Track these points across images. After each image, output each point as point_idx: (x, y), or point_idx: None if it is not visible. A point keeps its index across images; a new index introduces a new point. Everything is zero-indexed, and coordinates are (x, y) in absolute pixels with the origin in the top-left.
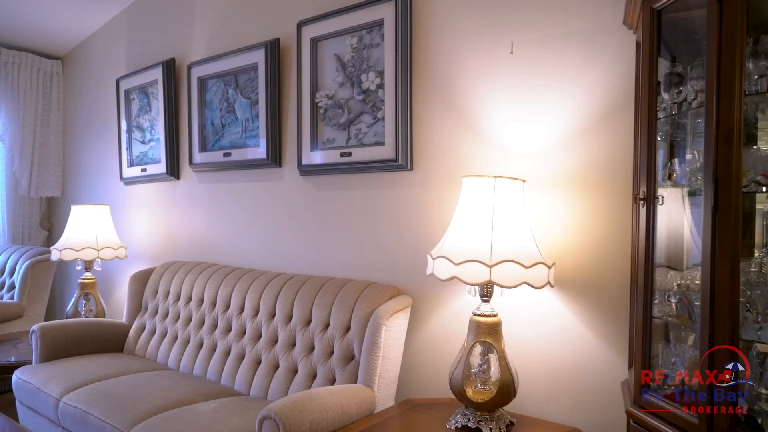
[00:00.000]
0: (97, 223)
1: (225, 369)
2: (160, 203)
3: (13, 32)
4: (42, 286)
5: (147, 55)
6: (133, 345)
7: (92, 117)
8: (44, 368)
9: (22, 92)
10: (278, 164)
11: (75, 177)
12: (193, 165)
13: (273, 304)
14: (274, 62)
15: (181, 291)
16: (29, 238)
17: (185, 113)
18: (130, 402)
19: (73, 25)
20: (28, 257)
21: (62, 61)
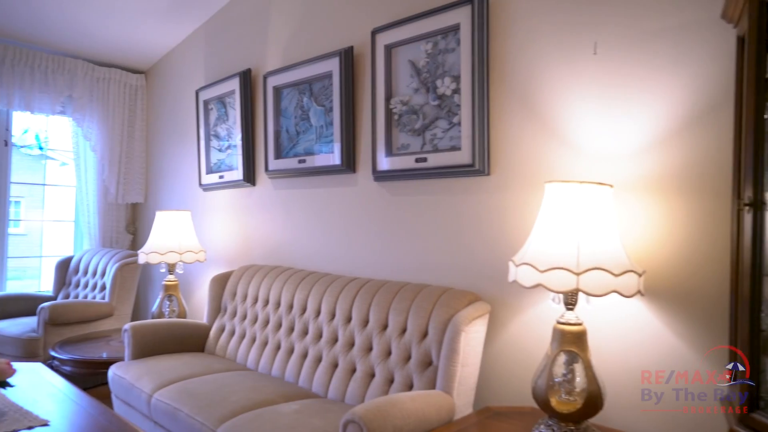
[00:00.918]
0: (179, 228)
1: (303, 371)
2: (237, 209)
3: (104, 51)
4: (129, 287)
5: (224, 67)
6: (214, 345)
7: (172, 127)
8: (136, 365)
9: (111, 105)
10: (352, 170)
11: (156, 184)
12: (269, 172)
13: (349, 308)
14: (348, 70)
15: (258, 294)
16: (117, 241)
17: (261, 122)
18: (216, 401)
19: (156, 41)
20: (116, 260)
21: (146, 75)
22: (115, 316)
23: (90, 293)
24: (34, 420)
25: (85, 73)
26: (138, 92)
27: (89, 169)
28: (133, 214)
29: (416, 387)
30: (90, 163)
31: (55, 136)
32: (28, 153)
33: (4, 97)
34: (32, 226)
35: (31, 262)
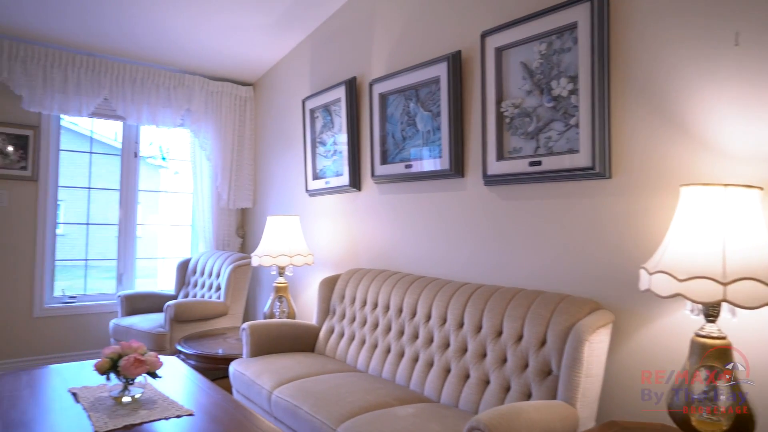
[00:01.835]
0: (288, 232)
1: (414, 375)
2: (343, 213)
3: (217, 66)
4: (241, 287)
5: (329, 76)
6: (324, 346)
7: (279, 135)
8: (255, 362)
9: (223, 117)
10: (461, 175)
11: (264, 190)
12: (375, 177)
13: (461, 313)
14: (456, 74)
15: (367, 297)
16: (228, 244)
17: (366, 128)
18: (334, 400)
19: (264, 55)
20: (230, 262)
21: (254, 87)
22: (229, 315)
23: (207, 293)
24: (180, 410)
25: (201, 88)
26: (247, 103)
27: (204, 176)
28: (243, 218)
29: (535, 396)
30: (205, 171)
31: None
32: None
33: (134, 113)
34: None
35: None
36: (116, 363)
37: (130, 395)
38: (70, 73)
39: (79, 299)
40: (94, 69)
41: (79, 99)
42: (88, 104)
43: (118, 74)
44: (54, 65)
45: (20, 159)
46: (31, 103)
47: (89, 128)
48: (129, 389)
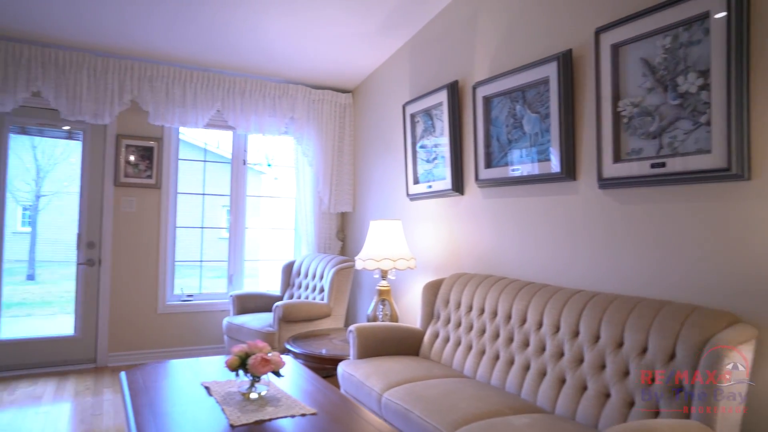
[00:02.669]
0: (391, 237)
1: (525, 383)
2: (445, 217)
3: (318, 75)
4: (343, 290)
5: (430, 80)
6: (428, 350)
7: (378, 140)
8: (363, 364)
9: (324, 124)
10: (572, 178)
11: (364, 194)
12: (479, 181)
13: (575, 322)
14: (566, 74)
15: (472, 302)
16: (329, 247)
17: (469, 132)
18: (446, 406)
19: (362, 62)
20: (333, 265)
21: (353, 93)
22: (332, 316)
23: (310, 294)
24: (304, 408)
25: (303, 97)
26: (346, 110)
27: (306, 182)
28: (342, 222)
29: (664, 414)
30: (307, 176)
31: (277, 153)
32: (254, 169)
33: (243, 123)
34: (250, 232)
35: (250, 264)
36: (244, 361)
37: (256, 392)
38: (188, 88)
39: (195, 298)
40: (209, 83)
41: (195, 112)
42: (203, 116)
43: (229, 87)
44: (175, 82)
45: (146, 168)
46: (156, 117)
47: (191, 138)
48: (255, 386)
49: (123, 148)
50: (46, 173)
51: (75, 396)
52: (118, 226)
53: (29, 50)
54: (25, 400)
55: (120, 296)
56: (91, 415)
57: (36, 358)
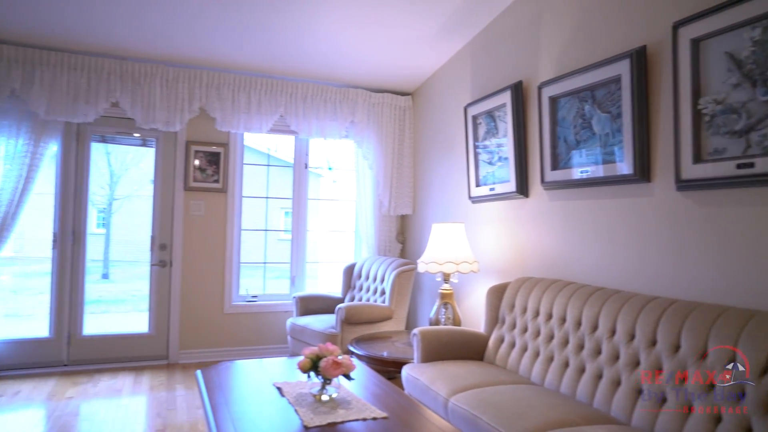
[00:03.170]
0: (454, 240)
1: (597, 392)
2: (508, 220)
3: (378, 79)
4: (405, 292)
5: (492, 82)
6: (493, 355)
7: (438, 143)
8: (427, 368)
9: (384, 127)
10: (646, 179)
11: (424, 197)
12: (545, 183)
13: (652, 330)
14: (640, 72)
15: (539, 307)
16: (389, 250)
17: (534, 133)
18: (515, 413)
19: (422, 64)
20: (394, 268)
21: (412, 96)
22: (393, 319)
23: (371, 297)
24: (375, 412)
25: (363, 100)
26: (406, 113)
27: (366, 184)
28: (402, 224)
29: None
30: (367, 179)
31: (337, 157)
32: (315, 173)
33: (305, 127)
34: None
35: (309, 266)
36: (316, 363)
37: (327, 394)
38: (253, 95)
39: (259, 298)
40: (272, 90)
41: (260, 117)
42: (267, 122)
43: (292, 93)
44: (240, 89)
45: (214, 173)
46: (223, 124)
47: (253, 143)
48: (326, 388)
49: (192, 154)
50: (118, 178)
51: (150, 390)
52: (188, 228)
53: (109, 64)
54: (107, 392)
55: (189, 296)
56: (166, 409)
57: (115, 353)
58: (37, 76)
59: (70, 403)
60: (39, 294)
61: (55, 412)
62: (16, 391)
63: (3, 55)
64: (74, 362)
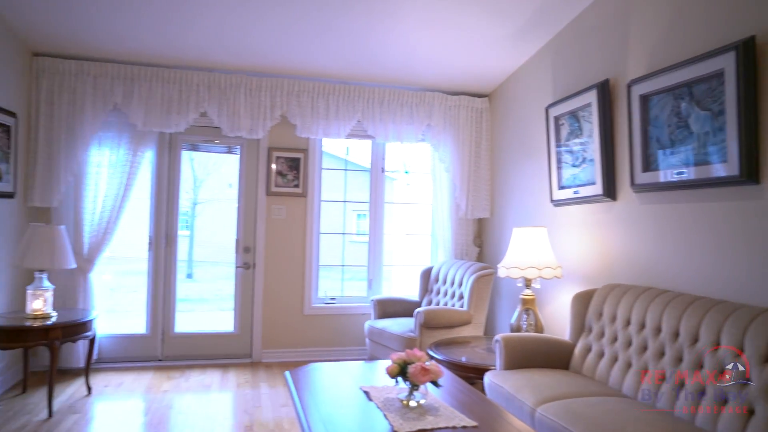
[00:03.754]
0: (535, 244)
1: (700, 410)
2: (593, 224)
3: (454, 81)
4: (483, 297)
5: (576, 81)
6: (580, 364)
7: (517, 145)
8: (511, 376)
9: (460, 130)
10: (753, 181)
11: (502, 200)
12: (635, 186)
13: (765, 345)
14: (747, 65)
15: (630, 316)
16: (466, 253)
17: (623, 133)
18: (609, 428)
19: (499, 66)
20: (472, 272)
21: (489, 98)
22: (472, 324)
23: (449, 301)
24: (464, 420)
25: (440, 103)
26: (483, 115)
27: (443, 188)
28: (479, 228)
29: None
30: (444, 182)
31: (413, 160)
32: (389, 176)
33: (382, 132)
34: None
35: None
36: (404, 369)
37: (415, 400)
38: (331, 101)
39: (337, 300)
40: (350, 95)
41: (338, 123)
42: (345, 127)
43: (369, 98)
44: (319, 96)
45: (294, 178)
46: (302, 130)
47: (328, 148)
48: (414, 394)
49: (273, 160)
50: (201, 182)
51: (237, 387)
52: (270, 232)
53: (198, 76)
54: (198, 387)
55: (271, 297)
56: (253, 406)
57: (203, 350)
58: (135, 91)
59: (165, 396)
60: (132, 292)
61: (153, 404)
62: (120, 383)
63: (108, 73)
64: (167, 358)
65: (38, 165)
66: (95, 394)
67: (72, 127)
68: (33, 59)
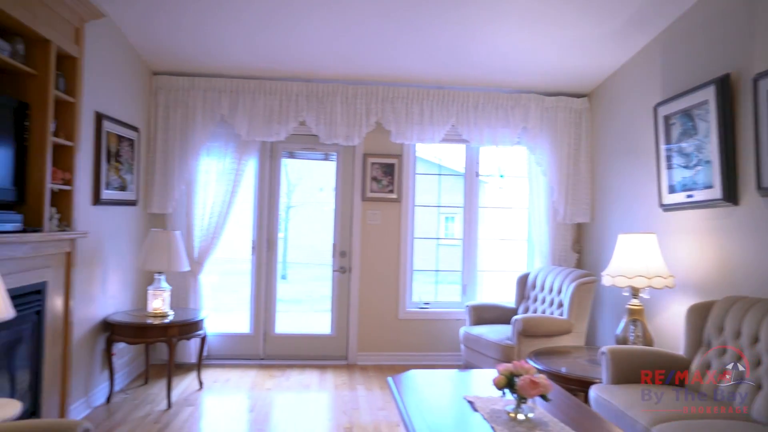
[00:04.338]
0: (643, 252)
1: None
2: (710, 230)
3: (550, 82)
4: (584, 306)
5: (689, 77)
6: (698, 382)
7: (621, 146)
8: (619, 391)
9: (558, 131)
10: None
11: (604, 204)
12: (762, 189)
13: None
14: None
15: (759, 333)
16: (564, 260)
17: (744, 132)
18: None
19: (600, 64)
20: (572, 279)
21: (589, 97)
22: (572, 333)
23: (547, 309)
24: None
25: (536, 105)
26: (582, 115)
27: (540, 191)
28: (578, 233)
29: None
30: (540, 186)
31: (507, 164)
32: (484, 180)
33: (477, 136)
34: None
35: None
36: (511, 381)
37: (523, 413)
38: (425, 106)
39: (431, 305)
40: (444, 100)
41: (432, 128)
42: (439, 132)
43: (463, 102)
44: (413, 101)
45: (389, 184)
46: (397, 136)
47: (422, 153)
48: (521, 407)
49: (368, 166)
50: (294, 187)
51: (335, 388)
52: (365, 237)
53: (297, 86)
54: (298, 387)
55: (366, 301)
56: (351, 408)
57: (301, 351)
58: (240, 103)
59: (268, 394)
60: (232, 292)
61: (258, 401)
62: (227, 379)
63: (215, 87)
64: (268, 357)
65: (156, 174)
66: (206, 389)
67: (184, 138)
68: (152, 78)
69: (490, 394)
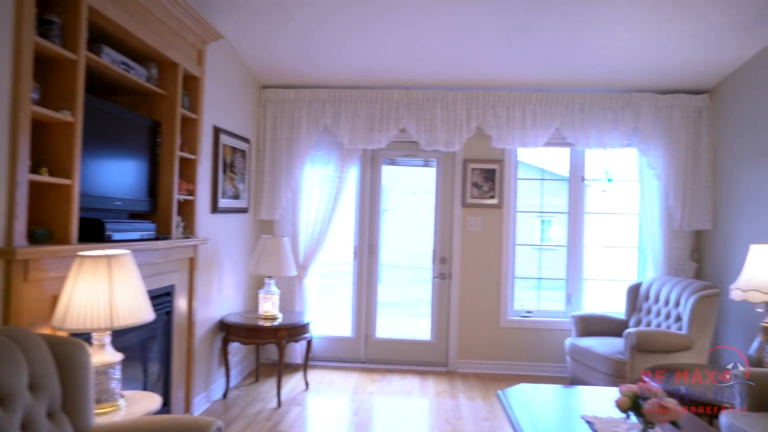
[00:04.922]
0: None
1: None
2: None
3: (666, 79)
4: (707, 321)
5: None
6: None
7: (750, 146)
8: (758, 420)
9: (674, 132)
10: None
11: (728, 209)
12: None
13: None
14: None
15: None
16: (681, 270)
17: None
18: None
19: (724, 57)
20: (692, 291)
21: (710, 94)
22: (693, 350)
23: (663, 322)
24: None
25: (649, 104)
26: (702, 113)
27: (653, 196)
28: (697, 241)
29: None
30: (653, 190)
31: (616, 167)
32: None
33: (582, 139)
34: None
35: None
36: (636, 403)
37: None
38: (528, 109)
39: (533, 314)
40: (547, 103)
41: (535, 132)
42: (542, 136)
43: (568, 104)
44: (515, 105)
45: (489, 189)
46: (498, 141)
47: (521, 158)
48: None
49: (469, 172)
50: (388, 191)
51: (436, 395)
52: (465, 243)
53: (398, 94)
54: (399, 392)
55: (467, 308)
56: (454, 417)
57: (401, 355)
58: (342, 112)
59: (371, 398)
60: (330, 294)
61: (361, 404)
62: (331, 381)
63: (319, 98)
64: (369, 360)
65: (264, 183)
66: (311, 389)
67: (291, 148)
68: (261, 91)
69: (610, 415)
